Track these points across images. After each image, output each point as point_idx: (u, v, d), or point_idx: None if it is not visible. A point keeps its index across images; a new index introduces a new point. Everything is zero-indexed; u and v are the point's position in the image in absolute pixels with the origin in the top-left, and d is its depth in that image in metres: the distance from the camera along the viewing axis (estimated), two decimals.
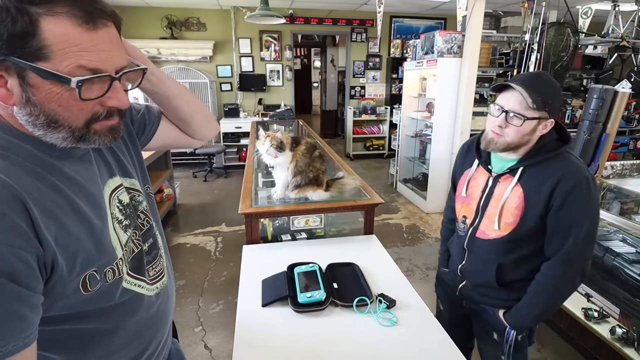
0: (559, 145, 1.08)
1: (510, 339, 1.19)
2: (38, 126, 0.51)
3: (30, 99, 0.48)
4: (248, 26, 5.78)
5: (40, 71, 0.47)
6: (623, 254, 1.92)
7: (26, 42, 0.45)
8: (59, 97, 0.49)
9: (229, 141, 5.84)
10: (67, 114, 0.51)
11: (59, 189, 0.53)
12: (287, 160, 1.58)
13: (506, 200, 1.10)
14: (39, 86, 0.48)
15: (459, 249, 1.27)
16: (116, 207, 0.65)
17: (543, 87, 1.02)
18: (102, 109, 0.54)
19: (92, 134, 0.54)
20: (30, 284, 0.48)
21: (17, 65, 0.46)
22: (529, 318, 1.14)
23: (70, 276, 0.53)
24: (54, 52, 0.47)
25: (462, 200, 1.25)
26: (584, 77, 4.57)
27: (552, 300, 1.12)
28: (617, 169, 2.55)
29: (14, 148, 0.51)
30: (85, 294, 0.56)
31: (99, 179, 0.63)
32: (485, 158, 1.19)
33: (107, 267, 0.59)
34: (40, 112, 0.49)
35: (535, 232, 1.07)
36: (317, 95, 11.45)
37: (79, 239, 0.54)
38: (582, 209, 1.01)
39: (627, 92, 2.13)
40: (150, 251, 0.73)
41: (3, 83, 0.48)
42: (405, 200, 4.58)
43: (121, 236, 0.63)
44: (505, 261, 1.14)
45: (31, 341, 0.49)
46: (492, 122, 1.07)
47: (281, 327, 1.07)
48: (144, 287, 0.68)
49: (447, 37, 3.68)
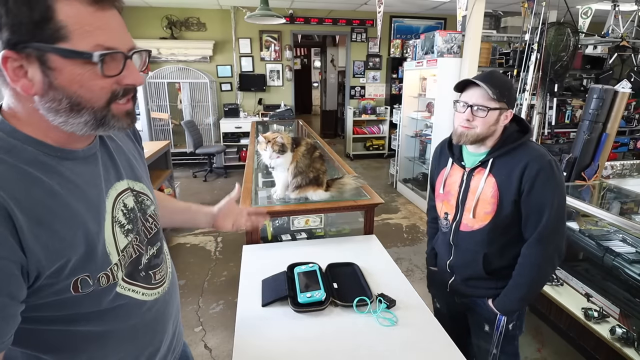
0: (520, 136, 1.18)
1: (501, 326, 1.25)
2: (60, 112, 0.51)
3: (52, 83, 0.50)
4: (248, 26, 5.78)
5: (62, 51, 0.48)
6: (623, 254, 1.92)
7: (44, 26, 0.47)
8: (81, 77, 0.51)
9: (229, 141, 5.84)
10: (88, 94, 0.52)
11: (55, 193, 0.53)
12: (288, 161, 1.58)
13: (482, 191, 1.19)
14: (61, 68, 0.49)
15: (445, 245, 1.33)
16: (120, 210, 0.64)
17: (498, 81, 1.14)
18: (120, 88, 0.55)
19: (111, 116, 0.55)
20: (12, 292, 0.48)
21: (38, 51, 0.48)
22: (516, 300, 1.20)
23: (59, 278, 0.53)
24: (71, 32, 0.48)
25: (441, 198, 1.32)
26: (584, 77, 4.56)
27: (535, 280, 1.19)
28: (617, 169, 2.55)
29: (15, 150, 0.52)
30: (75, 294, 0.55)
31: (102, 182, 0.62)
32: (458, 155, 1.28)
33: (100, 272, 0.58)
34: (63, 96, 0.51)
35: (512, 217, 1.16)
36: (317, 95, 11.45)
37: (72, 245, 0.54)
38: (549, 190, 1.11)
39: (627, 92, 2.13)
40: (158, 254, 0.73)
41: (23, 74, 0.49)
42: (405, 200, 4.58)
43: (120, 241, 0.63)
44: (490, 250, 1.22)
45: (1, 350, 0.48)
46: (460, 117, 1.18)
47: (281, 327, 1.07)
48: (140, 292, 0.67)
49: (447, 37, 3.68)
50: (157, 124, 5.70)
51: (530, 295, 1.24)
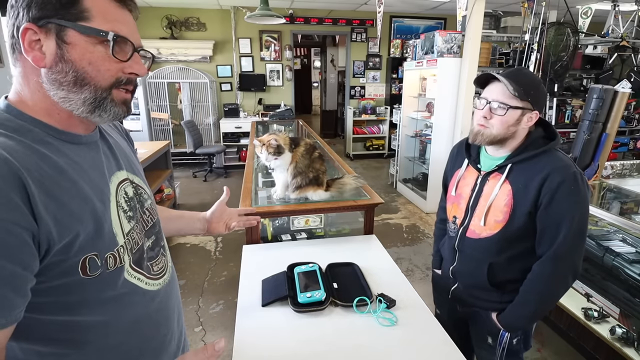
0: (546, 142, 1.08)
1: (504, 342, 1.18)
2: (64, 85, 0.55)
3: (64, 56, 0.54)
4: (248, 26, 5.78)
5: (81, 27, 0.54)
6: (623, 254, 1.92)
7: (70, 7, 0.53)
8: (91, 54, 0.55)
9: (228, 141, 5.84)
10: (94, 72, 0.56)
11: (62, 170, 0.56)
12: (287, 161, 1.58)
13: (495, 198, 1.10)
14: (76, 43, 0.54)
15: (450, 250, 1.27)
16: (122, 197, 0.67)
17: (524, 78, 1.05)
18: (124, 76, 0.60)
19: (110, 101, 0.59)
20: (24, 260, 0.49)
21: (58, 26, 0.53)
22: (522, 318, 1.13)
23: (68, 255, 0.54)
24: (94, 16, 0.55)
25: (452, 201, 1.26)
26: (584, 77, 4.56)
27: (545, 299, 1.11)
28: (617, 169, 2.55)
29: (22, 130, 0.55)
30: (84, 277, 0.56)
31: (104, 168, 0.65)
32: (475, 157, 1.20)
33: (108, 252, 0.60)
34: (71, 69, 0.55)
35: (525, 230, 1.07)
36: (317, 95, 11.45)
37: (80, 219, 0.56)
38: (570, 205, 1.01)
39: (627, 92, 2.13)
40: (153, 247, 0.74)
41: (38, 47, 0.54)
42: (405, 200, 4.58)
43: (124, 225, 0.65)
44: (496, 261, 1.14)
45: (8, 324, 0.49)
46: (478, 114, 1.10)
47: (281, 327, 1.07)
48: (144, 281, 0.68)
49: (447, 37, 3.68)
50: (157, 124, 5.70)
51: (539, 314, 1.17)
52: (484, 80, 1.11)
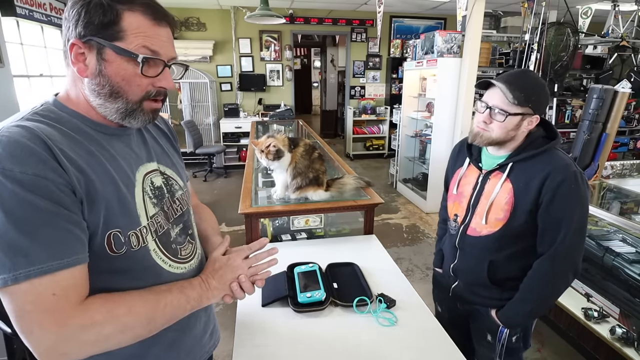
0: (546, 142, 1.09)
1: (503, 338, 1.19)
2: (101, 95, 0.64)
3: (102, 71, 0.62)
4: (248, 26, 5.78)
5: (116, 48, 0.61)
6: (623, 254, 1.92)
7: (109, 28, 0.61)
8: (124, 71, 0.63)
9: (228, 141, 5.84)
10: (127, 87, 0.64)
11: (93, 154, 0.64)
12: (286, 162, 1.58)
13: (496, 196, 1.11)
14: (112, 61, 0.62)
15: (451, 248, 1.28)
16: (148, 185, 0.73)
17: (526, 83, 1.05)
18: (154, 89, 0.67)
19: (140, 111, 0.67)
20: (78, 213, 0.58)
21: (99, 44, 0.61)
22: (521, 315, 1.14)
23: (95, 226, 0.61)
24: (127, 36, 0.62)
25: (453, 199, 1.27)
26: (584, 77, 4.57)
27: (544, 297, 1.11)
28: (617, 169, 2.55)
29: (62, 120, 0.64)
30: (111, 254, 0.63)
31: (132, 158, 0.72)
32: (476, 156, 1.21)
33: (130, 230, 0.66)
34: (107, 83, 0.63)
35: (525, 228, 1.08)
36: (317, 95, 11.45)
37: (105, 197, 0.62)
38: (571, 204, 1.02)
39: (627, 92, 2.13)
40: (180, 234, 0.79)
41: (83, 59, 0.62)
42: (405, 200, 4.58)
43: (149, 209, 0.71)
44: (496, 258, 1.15)
45: (85, 260, 0.59)
46: (478, 117, 1.11)
47: (281, 327, 1.07)
48: (168, 263, 0.74)
49: (447, 37, 3.68)
50: None
51: (538, 312, 1.17)
52: (485, 84, 1.12)
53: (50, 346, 0.55)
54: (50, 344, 0.55)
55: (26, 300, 0.53)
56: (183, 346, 0.80)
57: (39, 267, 0.53)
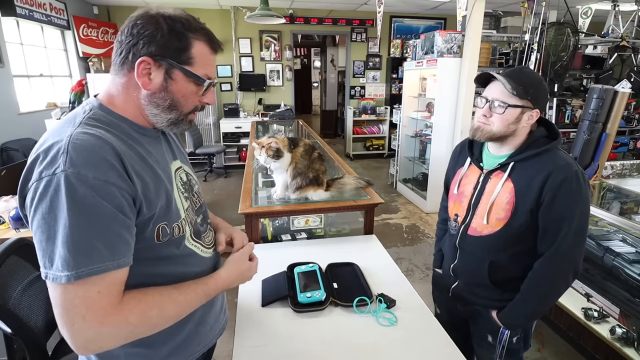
0: (548, 142, 1.09)
1: (504, 339, 1.18)
2: (160, 107, 0.72)
3: (167, 87, 0.71)
4: (248, 26, 5.78)
5: (187, 71, 0.71)
6: (623, 254, 1.92)
7: (183, 53, 0.70)
8: (186, 90, 0.72)
9: (228, 141, 5.84)
10: (183, 102, 0.74)
11: (142, 157, 0.71)
12: (286, 162, 1.58)
13: (497, 196, 1.11)
14: (178, 80, 0.71)
15: (451, 248, 1.27)
16: (179, 181, 0.82)
17: (524, 77, 1.06)
18: (200, 105, 0.77)
19: (184, 121, 0.76)
20: (132, 218, 0.65)
21: (169, 65, 0.69)
22: (522, 315, 1.13)
23: (148, 223, 0.69)
24: (196, 62, 0.71)
25: (454, 199, 1.27)
26: (584, 77, 4.56)
27: (545, 297, 1.11)
28: (617, 169, 2.55)
29: (113, 125, 0.70)
30: (157, 242, 0.72)
31: (167, 157, 0.81)
32: (477, 156, 1.21)
33: (175, 223, 0.75)
34: (169, 97, 0.72)
35: (526, 228, 1.08)
36: (317, 95, 11.45)
37: (157, 196, 0.70)
38: (572, 204, 1.02)
39: (627, 92, 2.13)
40: (202, 223, 0.88)
41: (148, 74, 0.69)
42: (405, 200, 4.58)
43: (183, 202, 0.80)
44: (497, 258, 1.15)
45: (130, 263, 0.65)
46: (478, 112, 1.12)
47: (281, 327, 1.07)
48: (200, 249, 0.84)
49: (447, 37, 3.68)
50: None
51: (539, 312, 1.17)
52: (484, 80, 1.12)
53: (89, 339, 0.61)
54: (89, 337, 0.61)
55: (76, 294, 0.59)
56: (208, 321, 0.91)
57: (97, 267, 0.60)
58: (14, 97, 3.77)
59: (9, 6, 3.61)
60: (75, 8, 4.93)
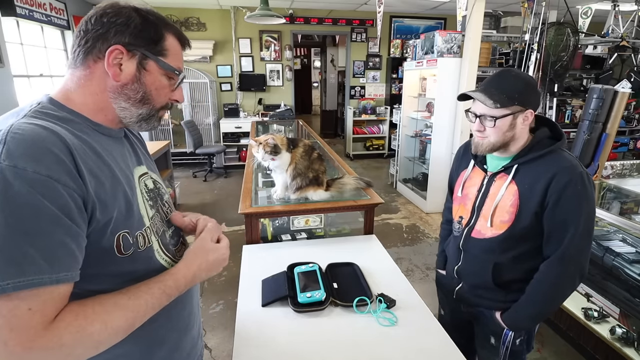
0: (551, 143, 1.08)
1: (507, 341, 1.18)
2: (132, 99, 0.68)
3: (140, 79, 0.67)
4: (248, 26, 5.78)
5: (162, 62, 0.68)
6: (623, 254, 1.92)
7: (158, 44, 0.68)
8: (159, 82, 0.70)
9: (229, 141, 5.84)
10: (155, 95, 0.70)
11: (98, 153, 0.63)
12: (286, 162, 1.58)
13: (501, 198, 1.10)
14: (152, 72, 0.68)
15: (455, 250, 1.27)
16: (143, 187, 0.75)
17: (504, 84, 1.05)
18: (170, 101, 0.74)
19: (155, 117, 0.72)
20: (80, 225, 0.55)
21: (143, 55, 0.66)
22: (527, 317, 1.13)
23: (105, 231, 0.60)
24: (169, 54, 0.70)
25: (458, 201, 1.27)
26: (584, 77, 4.57)
27: (551, 300, 1.10)
28: (617, 169, 2.55)
29: (65, 119, 0.62)
30: (119, 256, 0.63)
31: (129, 160, 0.74)
32: (481, 158, 1.21)
33: (137, 231, 0.67)
34: (142, 89, 0.68)
35: (531, 230, 1.07)
36: (317, 95, 11.45)
37: (114, 198, 0.62)
38: (577, 205, 1.01)
39: (627, 92, 2.13)
40: (173, 236, 0.82)
41: (118, 65, 0.65)
42: (405, 200, 4.58)
43: (148, 210, 0.73)
44: (501, 261, 1.14)
45: (74, 278, 0.55)
46: (473, 128, 1.13)
47: (281, 327, 1.07)
48: (171, 264, 0.74)
49: (447, 37, 3.68)
50: None
51: (544, 314, 1.16)
52: (464, 97, 1.13)
53: None
54: None
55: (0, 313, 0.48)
56: (184, 347, 0.81)
57: (30, 279, 0.49)
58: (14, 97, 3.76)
59: (9, 6, 3.61)
60: (75, 8, 4.93)
